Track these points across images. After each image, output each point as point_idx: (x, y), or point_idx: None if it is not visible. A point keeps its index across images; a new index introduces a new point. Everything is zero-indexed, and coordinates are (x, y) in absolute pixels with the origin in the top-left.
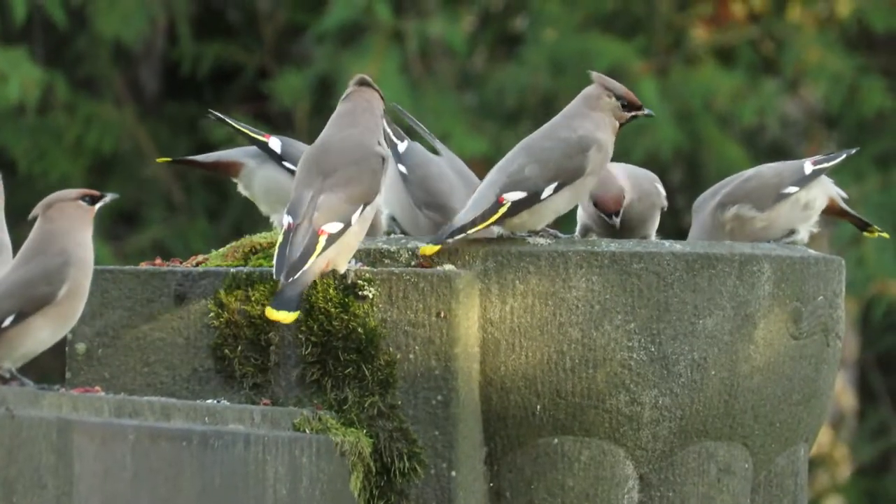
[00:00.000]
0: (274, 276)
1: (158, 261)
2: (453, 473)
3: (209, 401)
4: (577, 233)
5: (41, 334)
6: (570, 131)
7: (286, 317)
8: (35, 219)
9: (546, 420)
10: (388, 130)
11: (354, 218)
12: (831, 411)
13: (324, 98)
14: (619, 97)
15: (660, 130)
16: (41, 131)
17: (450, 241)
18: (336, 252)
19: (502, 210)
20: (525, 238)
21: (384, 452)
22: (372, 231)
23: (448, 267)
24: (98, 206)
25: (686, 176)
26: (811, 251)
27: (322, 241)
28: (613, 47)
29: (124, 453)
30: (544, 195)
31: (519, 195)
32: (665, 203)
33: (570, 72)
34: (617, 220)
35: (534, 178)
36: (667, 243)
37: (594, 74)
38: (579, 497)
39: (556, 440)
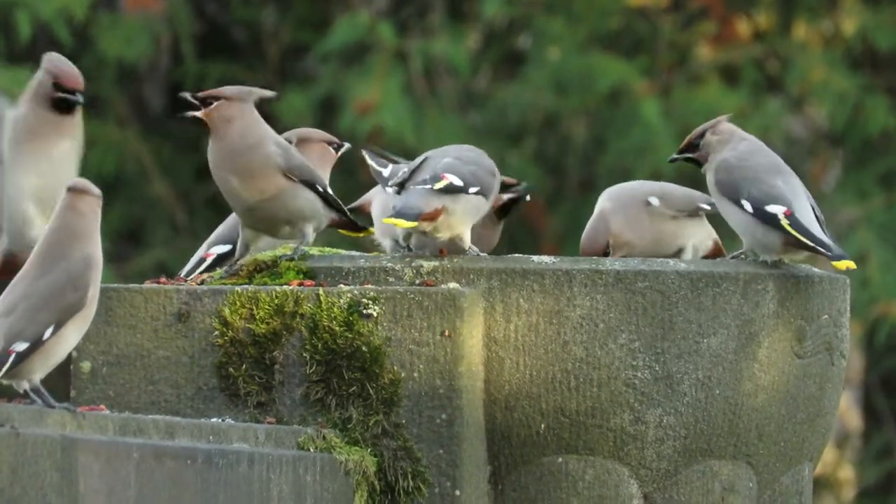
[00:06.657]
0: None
1: (163, 279)
2: (457, 492)
3: (213, 419)
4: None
5: (70, 341)
6: None
7: (402, 223)
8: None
9: (550, 439)
10: (372, 163)
11: (472, 190)
12: (836, 431)
13: (327, 117)
14: None
15: (662, 149)
16: None
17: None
18: (454, 206)
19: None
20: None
21: (388, 471)
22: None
23: (452, 285)
24: None
25: None
26: (815, 270)
27: (443, 183)
28: (616, 66)
29: (128, 472)
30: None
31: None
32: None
33: (573, 91)
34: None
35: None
36: (671, 262)
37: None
38: None
39: (560, 459)
